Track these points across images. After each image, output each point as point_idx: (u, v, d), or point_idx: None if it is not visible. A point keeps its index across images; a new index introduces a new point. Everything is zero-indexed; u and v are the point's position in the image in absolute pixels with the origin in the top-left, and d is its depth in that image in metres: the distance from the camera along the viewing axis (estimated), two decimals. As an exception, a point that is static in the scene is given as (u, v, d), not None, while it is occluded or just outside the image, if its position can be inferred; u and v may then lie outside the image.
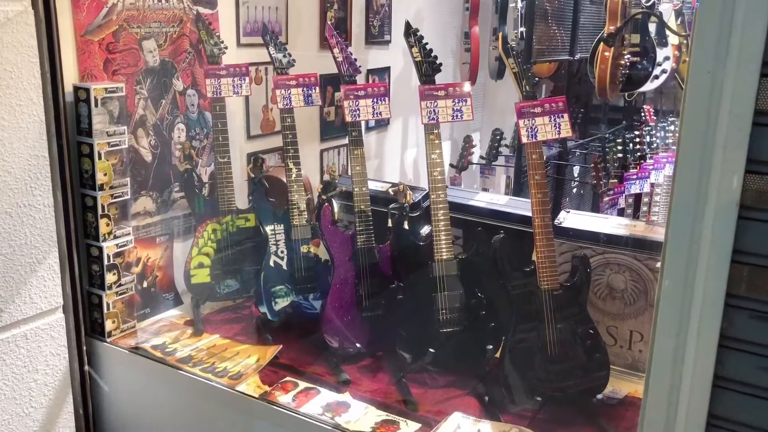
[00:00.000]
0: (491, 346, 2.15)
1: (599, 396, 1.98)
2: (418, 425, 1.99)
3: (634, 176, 3.70)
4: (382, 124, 4.16)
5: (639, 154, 3.62)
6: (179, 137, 2.68)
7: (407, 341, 2.17)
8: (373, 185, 2.39)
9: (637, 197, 3.88)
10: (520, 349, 1.99)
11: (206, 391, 2.19)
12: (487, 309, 2.16)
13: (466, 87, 2.18)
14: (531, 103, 2.00)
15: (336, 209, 2.29)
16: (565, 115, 2.02)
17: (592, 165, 3.31)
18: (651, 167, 3.81)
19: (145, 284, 2.61)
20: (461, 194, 2.48)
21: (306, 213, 2.45)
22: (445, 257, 2.14)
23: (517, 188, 3.48)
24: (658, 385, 1.38)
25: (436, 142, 2.15)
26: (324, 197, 2.27)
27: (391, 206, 2.19)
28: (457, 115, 2.15)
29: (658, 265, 2.18)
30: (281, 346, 2.36)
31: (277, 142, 3.19)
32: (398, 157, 4.46)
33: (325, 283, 2.39)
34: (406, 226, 2.16)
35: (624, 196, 3.55)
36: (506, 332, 2.05)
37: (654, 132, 3.99)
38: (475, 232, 2.18)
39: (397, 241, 2.18)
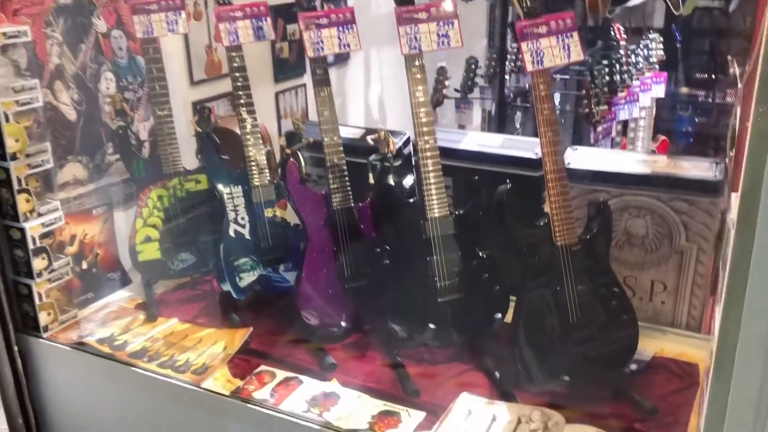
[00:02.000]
0: (499, 315, 1.84)
1: (632, 367, 1.69)
2: (422, 414, 1.69)
3: (623, 101, 3.38)
4: (341, 59, 3.75)
5: (626, 75, 3.30)
6: (108, 89, 2.25)
7: (400, 314, 1.85)
8: (344, 132, 2.02)
9: (624, 125, 3.59)
10: (535, 316, 1.68)
11: (167, 390, 1.85)
12: (491, 271, 1.84)
13: (449, 5, 1.80)
14: (535, 21, 1.64)
15: (303, 164, 1.92)
16: (575, 34, 1.67)
17: (584, 92, 2.98)
18: (638, 89, 3.50)
19: (84, 265, 2.22)
20: (447, 136, 2.12)
21: (267, 170, 2.07)
22: (438, 214, 1.80)
23: (500, 123, 3.14)
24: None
25: (419, 76, 1.78)
26: (288, 151, 1.90)
27: (371, 157, 1.83)
28: (443, 42, 1.77)
29: (684, 205, 1.89)
30: (251, 328, 2.02)
31: (225, 87, 2.77)
32: (361, 96, 4.07)
33: (298, 252, 2.04)
34: (390, 181, 1.81)
35: (614, 124, 3.25)
36: (517, 298, 1.74)
37: (638, 50, 3.66)
38: (471, 182, 1.84)
39: (381, 199, 1.83)
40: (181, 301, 2.25)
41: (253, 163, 2.06)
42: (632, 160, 1.91)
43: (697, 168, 1.84)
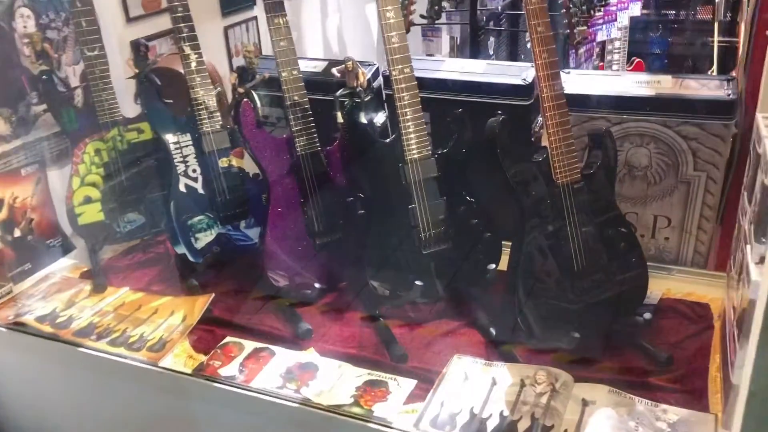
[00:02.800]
0: (492, 265, 1.64)
1: (646, 315, 1.51)
2: (412, 382, 1.49)
3: (600, 21, 3.15)
4: (293, -12, 3.43)
5: (603, -8, 3.05)
6: (24, 27, 1.93)
7: (380, 270, 1.64)
8: (304, 66, 1.76)
9: (602, 46, 3.36)
10: (535, 264, 1.49)
11: (120, 372, 1.63)
12: (480, 217, 1.63)
13: None
14: None
15: (259, 105, 1.66)
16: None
17: (564, 11, 2.73)
18: (615, 8, 3.26)
19: (16, 233, 1.95)
20: (422, 65, 1.86)
21: (218, 114, 1.81)
22: (418, 155, 1.57)
23: (472, 51, 2.88)
24: None
25: (390, -6, 1.52)
26: (241, 90, 1.64)
27: (339, 93, 1.58)
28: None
29: (695, 130, 1.69)
30: (212, 295, 1.79)
31: (166, 23, 2.47)
32: (318, 28, 3.75)
33: (260, 206, 1.80)
34: (363, 119, 1.56)
35: (594, 45, 3.02)
36: (513, 245, 1.53)
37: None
38: (453, 116, 1.61)
39: (353, 140, 1.59)
40: (131, 267, 2.01)
41: (201, 107, 1.79)
42: (632, 82, 1.69)
43: (707, 87, 1.63)
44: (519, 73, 1.79)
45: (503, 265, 1.63)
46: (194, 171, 1.81)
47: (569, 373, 1.45)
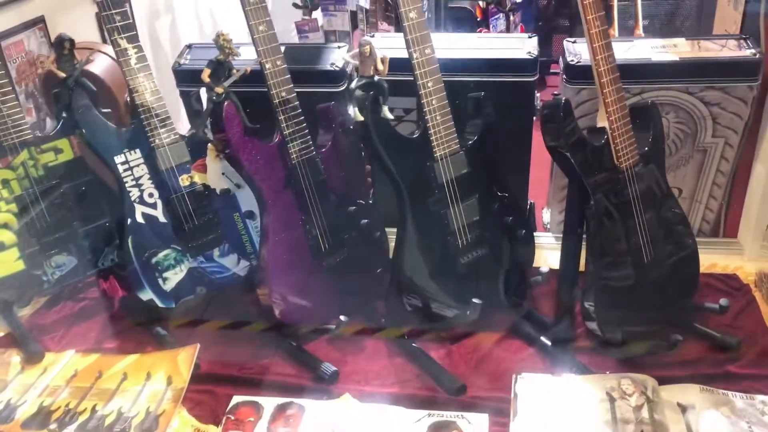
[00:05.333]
0: (546, 268, 1.45)
1: (722, 301, 1.39)
2: (483, 416, 1.28)
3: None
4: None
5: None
6: None
7: (416, 288, 1.39)
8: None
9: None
10: (607, 261, 1.31)
11: (105, 466, 1.26)
12: (514, 212, 1.43)
13: None
14: None
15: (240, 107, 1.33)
16: None
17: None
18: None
19: None
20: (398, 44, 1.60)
21: (171, 121, 1.44)
22: (448, 150, 1.33)
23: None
24: None
25: (404, -40, 1.25)
26: (219, 90, 1.29)
27: (354, 84, 1.29)
28: None
29: (718, 94, 1.58)
30: (197, 345, 1.45)
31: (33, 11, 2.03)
32: (191, 6, 3.32)
33: (233, 228, 1.48)
34: (388, 114, 1.29)
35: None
36: (571, 245, 1.35)
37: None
38: (474, 100, 1.39)
39: (378, 140, 1.30)
40: (66, 322, 1.60)
41: (149, 114, 1.42)
42: (649, 48, 1.55)
43: (727, 48, 1.53)
44: (520, 45, 1.59)
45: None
46: (151, 195, 1.44)
47: (650, 376, 1.31)
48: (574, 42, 1.59)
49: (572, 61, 1.53)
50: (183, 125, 1.71)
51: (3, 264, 1.50)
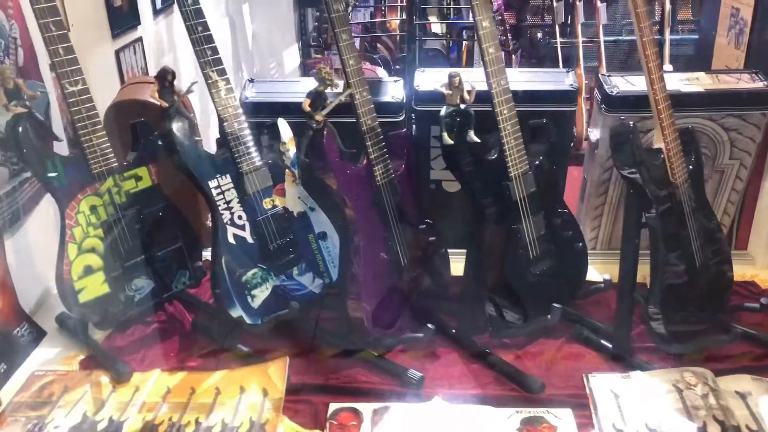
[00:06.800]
0: (608, 276, 1.60)
1: (763, 300, 1.57)
2: (566, 410, 1.40)
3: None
4: (166, 2, 3.07)
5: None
6: (-22, 60, 1.49)
7: (499, 297, 1.52)
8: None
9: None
10: (672, 270, 1.47)
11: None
12: (572, 227, 1.59)
13: None
14: None
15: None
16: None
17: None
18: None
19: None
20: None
21: (255, 148, 1.54)
22: (521, 170, 1.48)
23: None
24: None
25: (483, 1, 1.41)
26: (319, 118, 1.41)
27: (444, 111, 1.42)
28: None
29: (736, 121, 1.79)
30: (287, 358, 1.53)
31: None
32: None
33: (307, 247, 1.59)
34: (474, 138, 1.43)
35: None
36: (630, 255, 1.50)
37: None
38: (538, 125, 1.55)
39: (466, 162, 1.44)
40: (143, 344, 1.65)
41: (238, 142, 1.52)
42: (676, 80, 1.75)
43: (743, 80, 1.75)
44: (561, 79, 1.77)
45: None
46: (240, 218, 1.53)
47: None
48: (609, 75, 1.78)
49: (612, 92, 1.71)
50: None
51: (90, 287, 1.55)
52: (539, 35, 3.17)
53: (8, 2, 1.64)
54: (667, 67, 4.04)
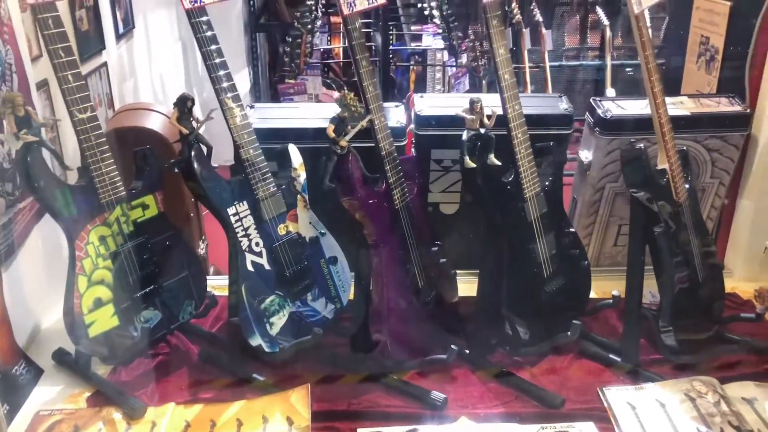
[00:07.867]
0: (617, 291, 1.66)
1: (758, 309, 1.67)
2: (589, 424, 1.45)
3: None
4: (127, 27, 3.02)
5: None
6: (-16, 87, 1.43)
7: (517, 315, 1.55)
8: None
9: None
10: (678, 286, 1.54)
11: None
12: (578, 246, 1.64)
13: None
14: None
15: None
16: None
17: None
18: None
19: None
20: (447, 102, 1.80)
21: (269, 173, 1.53)
22: (534, 192, 1.53)
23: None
24: None
25: (501, 29, 1.46)
26: (343, 144, 1.42)
27: (466, 137, 1.45)
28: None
29: (718, 142, 1.89)
30: (308, 385, 1.52)
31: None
32: (148, 72, 3.36)
33: (320, 273, 1.59)
34: (495, 161, 1.47)
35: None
36: (636, 272, 1.57)
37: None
38: (545, 148, 1.60)
39: (486, 184, 1.47)
40: (151, 377, 1.59)
41: (253, 168, 1.51)
42: (661, 105, 1.85)
43: (722, 104, 1.86)
44: (555, 104, 1.84)
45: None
46: (257, 244, 1.51)
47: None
48: (600, 100, 1.86)
49: (606, 115, 1.79)
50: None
51: (100, 320, 1.49)
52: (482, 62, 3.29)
53: (3, 27, 1.59)
54: (610, 91, 4.28)
